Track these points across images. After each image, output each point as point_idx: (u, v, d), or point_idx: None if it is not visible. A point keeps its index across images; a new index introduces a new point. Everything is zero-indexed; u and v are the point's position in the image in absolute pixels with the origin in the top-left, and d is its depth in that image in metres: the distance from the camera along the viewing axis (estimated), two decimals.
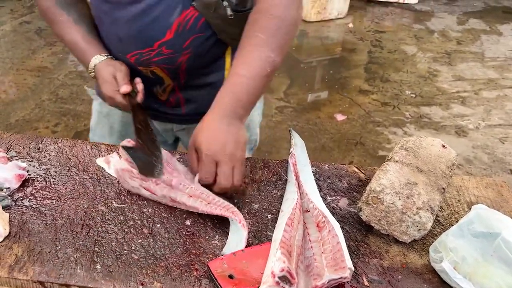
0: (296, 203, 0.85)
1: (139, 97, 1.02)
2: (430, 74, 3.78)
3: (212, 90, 1.03)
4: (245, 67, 0.88)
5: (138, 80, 1.04)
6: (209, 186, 0.88)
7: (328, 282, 0.72)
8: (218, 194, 0.87)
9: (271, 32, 0.89)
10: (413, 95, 3.48)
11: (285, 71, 3.71)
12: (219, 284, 0.73)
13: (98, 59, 1.05)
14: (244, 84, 0.87)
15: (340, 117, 3.17)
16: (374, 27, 4.63)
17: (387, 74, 3.75)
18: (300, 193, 0.90)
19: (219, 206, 0.85)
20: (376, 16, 4.90)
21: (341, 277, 0.73)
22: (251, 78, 0.87)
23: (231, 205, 0.86)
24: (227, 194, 0.89)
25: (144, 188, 0.90)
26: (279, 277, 0.70)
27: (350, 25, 4.63)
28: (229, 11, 0.98)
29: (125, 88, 1.00)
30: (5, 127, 2.90)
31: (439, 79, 3.72)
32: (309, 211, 0.86)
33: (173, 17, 0.98)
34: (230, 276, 0.75)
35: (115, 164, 0.95)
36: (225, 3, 0.98)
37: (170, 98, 1.15)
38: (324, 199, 0.94)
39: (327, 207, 0.89)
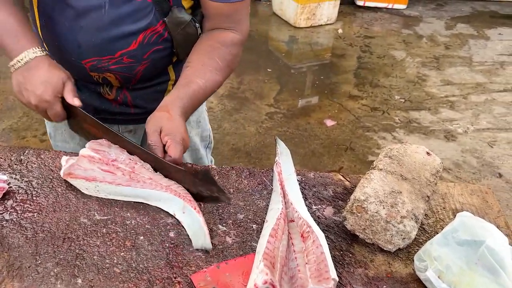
0: (281, 213, 0.85)
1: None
2: (419, 79, 3.81)
3: (156, 90, 1.18)
4: (203, 82, 1.01)
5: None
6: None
7: None
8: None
9: (227, 63, 1.06)
10: (402, 100, 3.49)
11: (275, 77, 3.71)
12: None
13: (35, 53, 0.95)
14: (200, 95, 1.01)
15: (329, 123, 3.17)
16: (363, 33, 4.65)
17: (376, 79, 3.77)
18: (285, 203, 0.89)
19: (176, 190, 0.89)
20: (365, 22, 4.92)
21: None
22: (205, 92, 1.02)
23: (188, 193, 0.89)
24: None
25: (103, 170, 0.91)
26: None
27: (340, 30, 4.65)
28: (199, 31, 1.09)
29: (78, 102, 0.97)
30: None
31: (427, 83, 3.75)
32: (294, 220, 0.86)
33: (140, 30, 1.01)
34: None
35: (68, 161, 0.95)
36: (197, 24, 1.08)
37: (118, 97, 1.15)
38: (310, 208, 0.93)
39: (312, 216, 0.89)
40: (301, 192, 0.95)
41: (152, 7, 1.00)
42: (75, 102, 0.97)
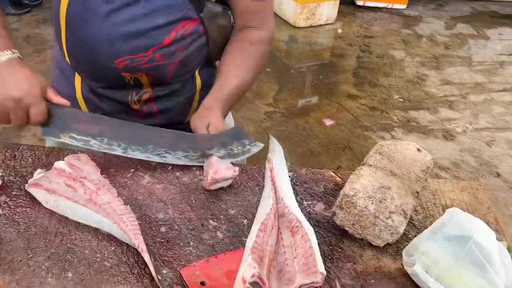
0: (271, 208, 0.85)
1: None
2: (418, 79, 3.81)
3: (181, 101, 1.15)
4: (238, 82, 1.09)
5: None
6: None
7: (299, 287, 0.72)
8: None
9: (257, 62, 1.14)
10: (401, 100, 3.50)
11: (275, 77, 3.72)
12: None
13: (12, 54, 0.92)
14: (236, 95, 1.10)
15: (328, 122, 3.18)
16: (363, 32, 4.65)
17: (376, 79, 3.77)
18: (276, 199, 0.90)
19: (128, 225, 0.82)
20: (365, 22, 4.93)
21: (313, 282, 0.73)
22: (241, 91, 1.12)
23: (137, 230, 0.82)
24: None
25: (67, 185, 0.87)
26: (249, 283, 0.70)
27: (339, 30, 4.65)
28: (232, 19, 1.12)
29: (67, 101, 0.96)
30: None
31: (427, 83, 3.75)
32: (284, 216, 0.86)
33: (173, 24, 1.00)
34: (202, 283, 0.75)
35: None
36: (230, 12, 1.11)
37: (143, 108, 1.13)
38: (301, 204, 0.94)
39: (303, 211, 0.89)
40: (293, 188, 0.96)
41: (186, 3, 1.00)
42: (63, 101, 0.96)
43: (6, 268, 0.77)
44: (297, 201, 0.92)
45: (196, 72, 1.16)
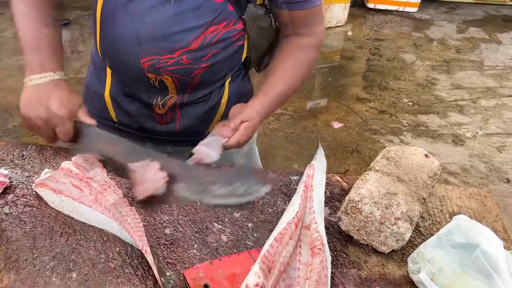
0: (294, 217, 0.82)
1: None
2: (428, 82, 3.78)
3: (206, 110, 1.12)
4: (285, 89, 1.06)
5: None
6: None
7: None
8: None
9: (305, 68, 1.10)
10: (411, 103, 3.47)
11: None
12: None
13: (60, 75, 0.98)
14: (280, 101, 1.08)
15: (336, 125, 3.16)
16: (373, 35, 4.64)
17: (385, 82, 3.75)
18: (304, 207, 0.86)
19: (133, 226, 0.83)
20: (375, 24, 4.91)
21: None
22: (285, 98, 1.09)
23: (142, 231, 0.82)
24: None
25: (73, 185, 0.88)
26: None
27: (349, 33, 4.64)
28: (273, 21, 1.09)
29: (94, 121, 0.97)
30: (2, 132, 2.91)
31: (437, 87, 3.72)
32: (309, 229, 0.84)
33: (202, 28, 0.97)
34: (205, 286, 0.74)
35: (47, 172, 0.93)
36: (271, 15, 1.09)
37: (167, 113, 1.12)
38: None
39: None
40: None
41: (220, 5, 0.97)
42: (90, 121, 0.97)
43: (12, 267, 0.77)
44: None
45: (227, 83, 1.13)
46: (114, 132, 1.01)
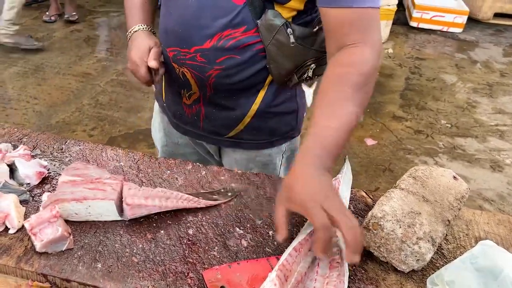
0: None
1: (157, 78, 1.10)
2: (468, 105, 3.68)
3: (232, 116, 1.14)
4: (334, 121, 0.85)
5: (163, 66, 1.11)
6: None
7: None
8: None
9: (358, 87, 0.88)
10: (449, 125, 3.39)
11: None
12: None
13: (138, 27, 1.13)
14: (334, 137, 0.84)
15: (370, 142, 3.13)
16: (415, 54, 4.56)
17: (424, 102, 3.68)
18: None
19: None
20: (417, 43, 4.83)
21: None
22: (340, 131, 0.85)
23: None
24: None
25: (91, 189, 0.89)
26: None
27: (390, 50, 4.59)
28: (292, 39, 1.00)
29: (153, 63, 1.04)
30: (45, 127, 3.05)
31: (477, 110, 3.61)
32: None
33: (217, 28, 0.99)
34: (222, 287, 0.76)
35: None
36: (290, 30, 1.00)
37: (193, 105, 1.16)
38: None
39: None
40: None
41: (237, 6, 0.97)
42: (150, 63, 1.04)
43: (42, 253, 0.82)
44: None
45: (260, 93, 1.11)
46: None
